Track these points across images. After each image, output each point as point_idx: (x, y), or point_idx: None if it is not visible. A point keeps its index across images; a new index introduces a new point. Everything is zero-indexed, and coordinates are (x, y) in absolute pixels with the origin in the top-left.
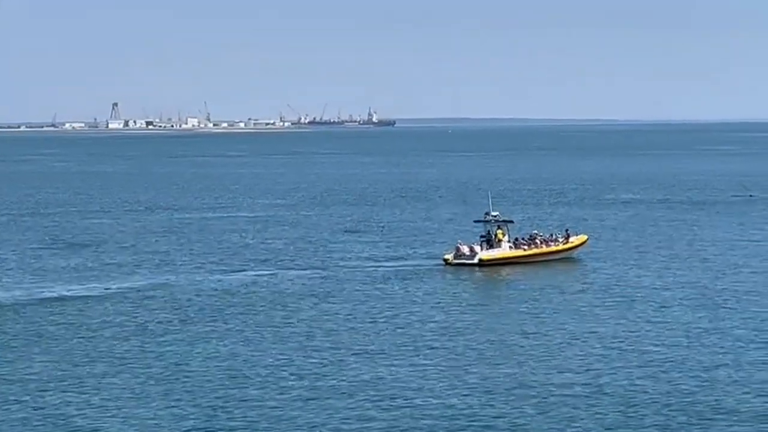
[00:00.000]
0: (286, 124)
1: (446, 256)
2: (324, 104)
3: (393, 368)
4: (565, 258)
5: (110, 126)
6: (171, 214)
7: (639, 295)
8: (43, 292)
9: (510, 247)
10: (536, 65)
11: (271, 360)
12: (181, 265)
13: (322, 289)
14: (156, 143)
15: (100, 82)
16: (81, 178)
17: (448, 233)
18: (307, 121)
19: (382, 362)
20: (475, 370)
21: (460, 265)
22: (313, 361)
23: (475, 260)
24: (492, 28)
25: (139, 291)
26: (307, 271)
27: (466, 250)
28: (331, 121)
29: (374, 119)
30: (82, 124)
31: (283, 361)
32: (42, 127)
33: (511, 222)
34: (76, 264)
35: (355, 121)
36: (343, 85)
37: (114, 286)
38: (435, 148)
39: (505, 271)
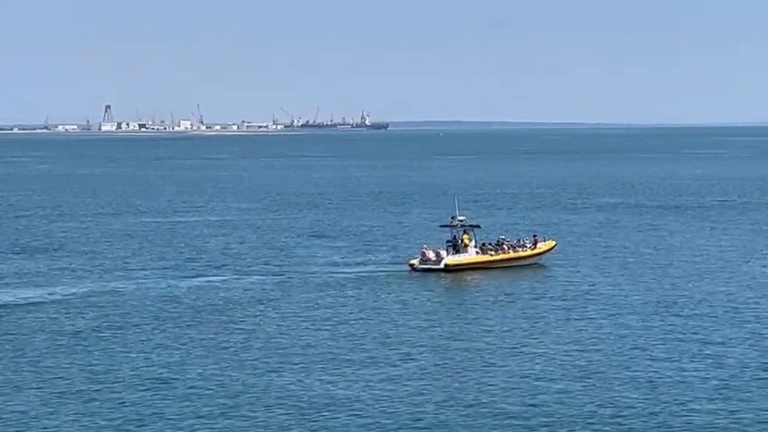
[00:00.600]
0: (279, 127)
1: (412, 261)
2: (317, 107)
3: (340, 376)
4: (532, 264)
5: (103, 128)
6: (138, 218)
7: (603, 302)
8: None
9: (477, 253)
10: (530, 68)
11: (200, 370)
12: (134, 270)
13: (275, 296)
14: (147, 146)
15: (92, 84)
16: (60, 181)
17: (417, 238)
18: (300, 124)
19: (325, 371)
20: (432, 379)
21: (425, 271)
22: (246, 371)
23: (441, 265)
24: (485, 30)
25: (83, 297)
26: (264, 277)
27: (431, 255)
28: (324, 124)
29: (367, 122)
30: (75, 126)
31: (212, 370)
32: (35, 129)
33: (478, 227)
34: (26, 269)
35: (348, 124)
36: (336, 88)
37: (59, 292)
38: (422, 152)
39: (471, 276)
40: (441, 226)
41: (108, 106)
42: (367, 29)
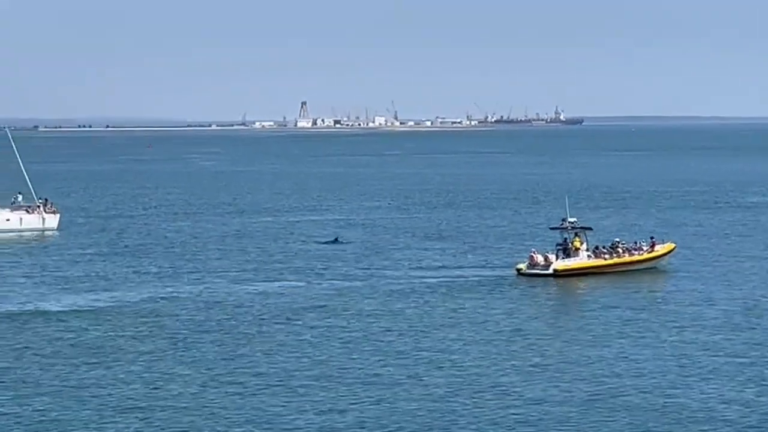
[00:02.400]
0: (473, 122)
1: (519, 266)
2: (511, 103)
3: (447, 381)
4: (649, 269)
5: (298, 124)
6: (254, 218)
7: (726, 312)
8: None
9: (589, 256)
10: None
11: (301, 374)
12: (222, 272)
13: (368, 303)
14: (330, 143)
15: (289, 81)
16: (209, 178)
17: (535, 240)
18: (493, 120)
19: (424, 378)
20: (539, 389)
21: (533, 276)
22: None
23: (550, 270)
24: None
25: (161, 301)
26: (357, 283)
27: (540, 259)
28: (518, 119)
29: (561, 117)
30: (271, 123)
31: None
32: (232, 125)
33: (590, 229)
34: (114, 270)
35: (543, 120)
36: (532, 83)
37: (133, 295)
38: (603, 148)
39: (582, 282)
40: (551, 228)
41: (304, 103)
42: (566, 24)
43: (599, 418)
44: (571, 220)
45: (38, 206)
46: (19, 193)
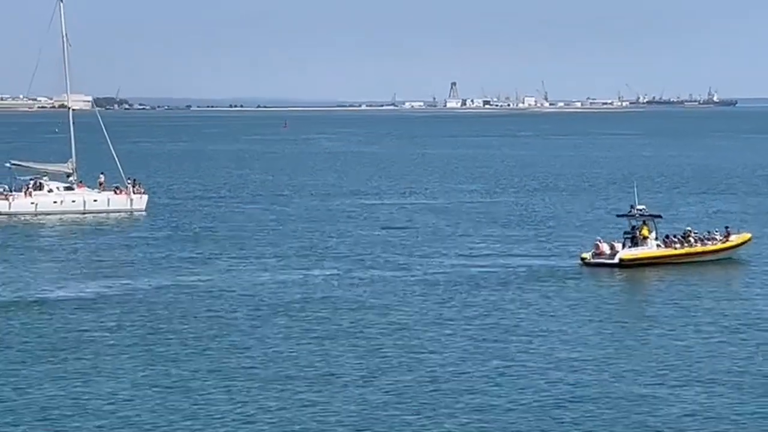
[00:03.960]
0: (624, 103)
1: (584, 255)
2: (663, 84)
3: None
4: (722, 259)
5: (448, 105)
6: (335, 200)
7: None
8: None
9: (658, 246)
10: None
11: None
12: (271, 258)
13: (419, 290)
14: (462, 123)
15: (440, 62)
16: (318, 159)
17: (604, 227)
18: (645, 101)
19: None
20: (598, 390)
21: (598, 266)
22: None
23: (615, 260)
24: None
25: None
26: (407, 273)
27: (605, 248)
28: (671, 100)
29: (715, 98)
30: (421, 103)
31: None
32: (382, 105)
33: (659, 216)
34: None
35: (695, 101)
36: (685, 64)
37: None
38: (745, 130)
39: (650, 272)
40: (618, 216)
41: (453, 83)
42: (722, 3)
43: (666, 420)
44: (640, 207)
45: (126, 187)
46: (102, 173)
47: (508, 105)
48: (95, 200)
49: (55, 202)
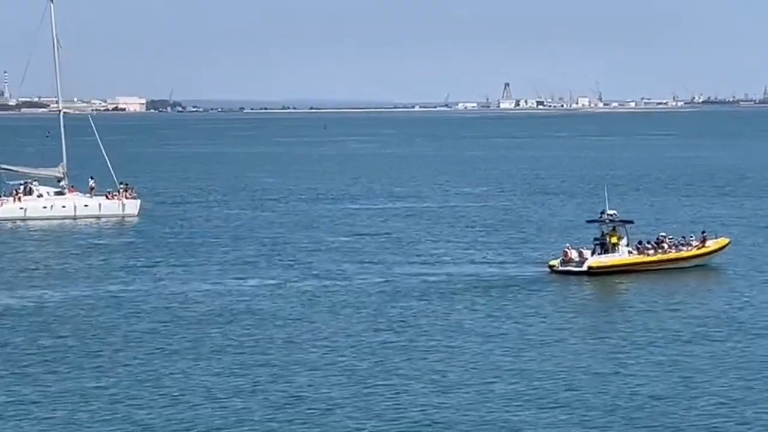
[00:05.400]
0: (679, 103)
1: (552, 262)
2: (718, 84)
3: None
4: (697, 266)
5: (501, 106)
6: (332, 204)
7: None
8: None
9: (630, 252)
10: None
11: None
12: (248, 263)
13: (384, 299)
14: (510, 124)
15: (493, 63)
16: (336, 162)
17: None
18: (700, 101)
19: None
20: (558, 399)
21: (566, 273)
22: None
23: (584, 267)
24: None
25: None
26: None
27: (574, 255)
28: (725, 100)
29: None
30: (474, 104)
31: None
32: (435, 107)
33: (631, 222)
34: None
35: (751, 101)
36: (741, 64)
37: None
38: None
39: (620, 280)
40: (588, 222)
41: (507, 84)
42: None
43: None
44: (610, 212)
45: (118, 192)
46: (91, 177)
47: (562, 105)
48: (86, 205)
49: (44, 207)
